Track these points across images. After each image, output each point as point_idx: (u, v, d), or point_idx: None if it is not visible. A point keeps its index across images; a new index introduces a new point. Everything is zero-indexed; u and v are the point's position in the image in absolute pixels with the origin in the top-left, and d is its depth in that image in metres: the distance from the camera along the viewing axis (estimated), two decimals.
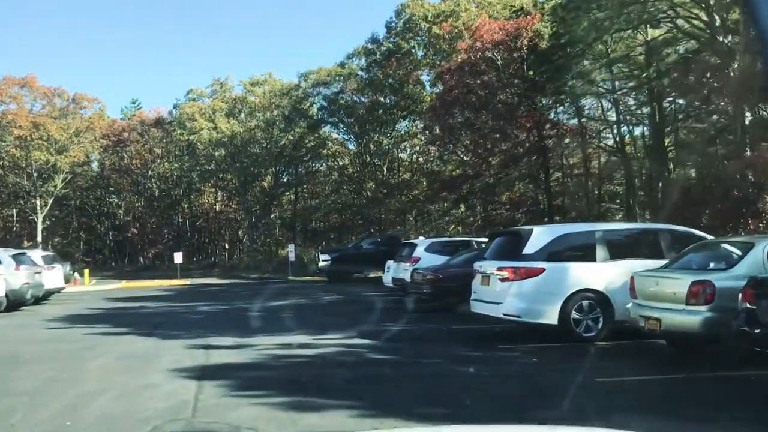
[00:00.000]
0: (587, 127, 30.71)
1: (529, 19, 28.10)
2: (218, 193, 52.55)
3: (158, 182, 51.82)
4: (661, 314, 8.37)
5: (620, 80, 27.53)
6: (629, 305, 9.21)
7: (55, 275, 21.88)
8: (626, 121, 30.07)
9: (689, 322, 7.97)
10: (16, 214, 49.66)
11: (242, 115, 44.22)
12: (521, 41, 28.00)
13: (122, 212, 53.63)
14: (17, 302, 18.08)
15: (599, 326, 10.13)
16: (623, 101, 29.19)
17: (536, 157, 30.03)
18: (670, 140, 28.15)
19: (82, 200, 52.23)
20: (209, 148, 42.59)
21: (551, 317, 10.08)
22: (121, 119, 53.50)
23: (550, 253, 10.38)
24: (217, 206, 53.59)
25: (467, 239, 21.41)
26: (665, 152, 27.04)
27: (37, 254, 22.04)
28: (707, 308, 7.79)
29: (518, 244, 10.68)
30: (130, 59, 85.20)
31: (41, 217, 44.78)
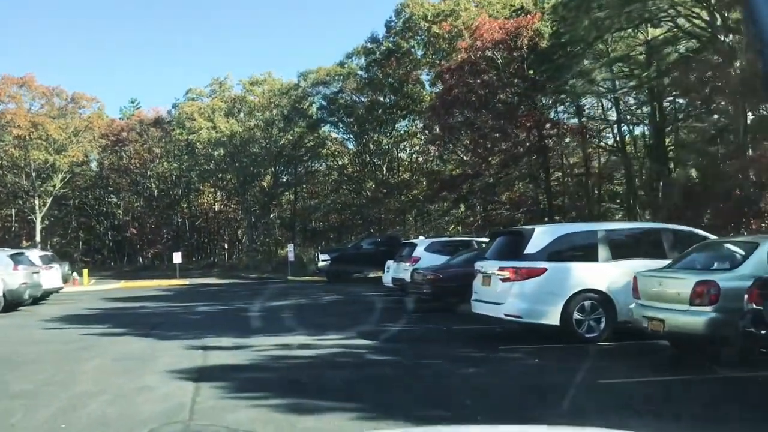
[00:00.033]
0: (587, 126, 30.62)
1: (529, 18, 28.00)
2: (217, 192, 52.48)
3: (157, 182, 51.73)
4: (664, 315, 8.26)
5: (620, 80, 27.42)
6: (632, 306, 9.10)
7: (53, 275, 21.77)
8: (626, 120, 29.98)
9: (693, 322, 7.86)
10: (14, 213, 49.54)
11: (241, 114, 44.14)
12: (521, 40, 27.91)
13: (121, 212, 53.56)
14: (15, 302, 18.05)
15: (601, 327, 10.04)
16: (623, 101, 29.09)
17: (536, 156, 29.94)
18: (670, 140, 28.05)
19: (80, 200, 52.15)
20: (208, 147, 42.53)
21: (553, 318, 9.98)
22: (120, 119, 53.53)
23: (551, 252, 10.28)
24: (216, 206, 53.53)
25: (467, 239, 21.31)
26: (665, 152, 26.94)
27: (35, 254, 21.93)
28: (712, 309, 7.69)
29: (520, 243, 10.57)
30: (129, 59, 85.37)
31: (40, 216, 44.68)
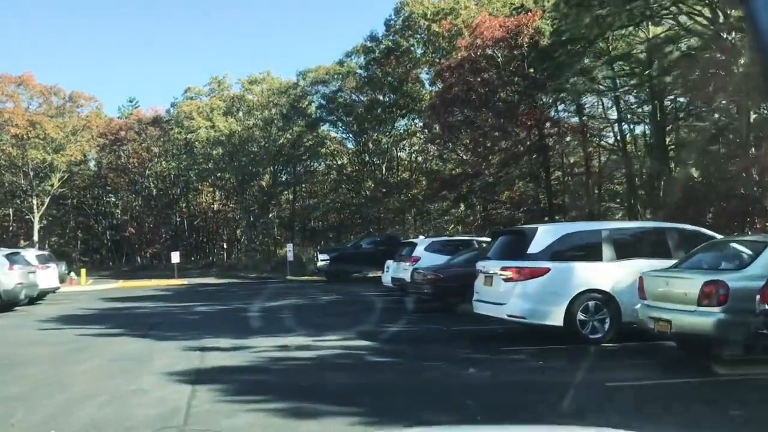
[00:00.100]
0: (588, 125, 30.45)
1: (529, 16, 27.81)
2: (216, 192, 52.30)
3: (156, 181, 51.53)
4: (671, 315, 8.08)
5: (621, 78, 27.26)
6: (638, 306, 8.92)
7: (49, 275, 21.59)
8: (627, 119, 29.80)
9: (701, 323, 7.68)
10: (12, 213, 49.33)
11: (240, 113, 43.93)
12: (522, 38, 27.74)
13: (119, 211, 53.35)
14: (11, 302, 17.94)
15: (606, 328, 9.87)
16: (624, 99, 28.91)
17: (537, 155, 29.78)
18: (670, 139, 27.89)
19: (79, 199, 51.90)
20: (207, 146, 42.31)
21: (556, 318, 9.80)
22: (118, 118, 53.22)
23: (555, 252, 10.11)
24: (215, 205, 53.35)
25: (468, 238, 21.14)
26: (666, 151, 26.78)
27: (31, 254, 21.74)
28: (720, 309, 7.50)
29: (522, 243, 10.39)
30: (127, 57, 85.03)
31: (38, 216, 44.46)
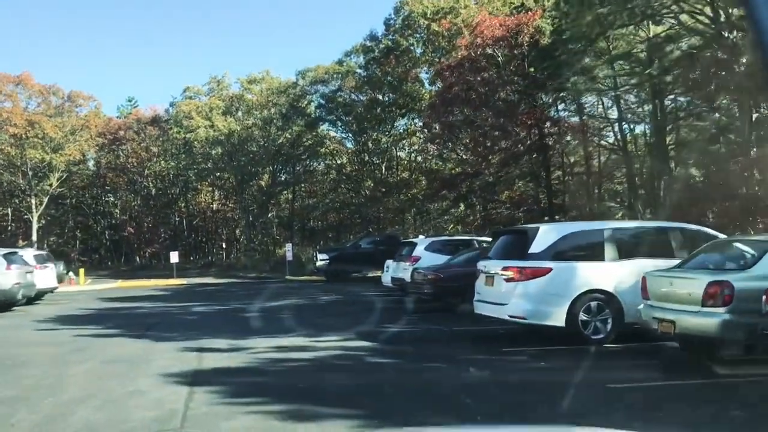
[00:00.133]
0: (588, 124, 30.34)
1: (530, 14, 27.67)
2: (215, 191, 52.21)
3: (155, 181, 51.43)
4: (675, 316, 7.97)
5: (622, 77, 27.12)
6: (641, 306, 8.81)
7: (47, 275, 21.48)
8: (627, 119, 29.69)
9: (706, 324, 7.57)
10: (11, 213, 49.19)
11: (239, 113, 43.82)
12: (522, 37, 27.62)
13: (118, 211, 53.24)
14: (8, 302, 17.81)
15: (608, 328, 9.77)
16: (624, 99, 28.79)
17: (537, 155, 29.68)
18: (671, 138, 27.77)
19: (78, 199, 51.79)
20: (206, 146, 42.23)
21: (558, 319, 9.70)
22: (117, 117, 53.13)
23: (556, 252, 10.01)
24: (214, 205, 53.25)
25: (468, 238, 21.04)
26: (667, 150, 26.66)
27: (29, 253, 21.61)
28: (725, 310, 7.39)
29: (524, 243, 10.28)
30: (126, 57, 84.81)
31: (36, 216, 44.35)
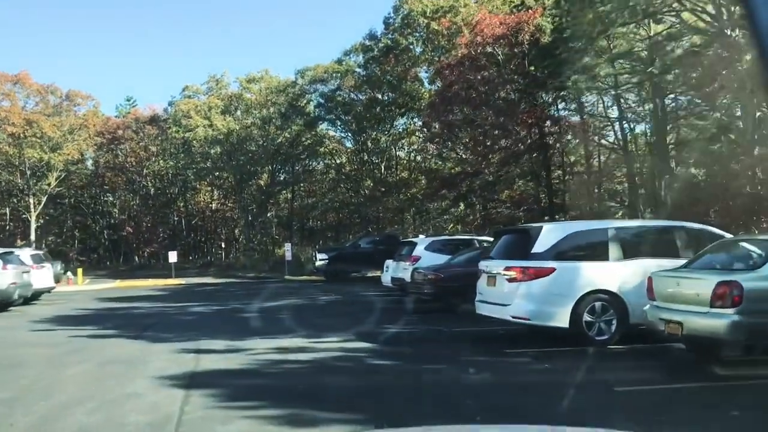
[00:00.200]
0: (589, 123, 30.17)
1: (530, 13, 27.54)
2: (214, 191, 52.06)
3: (153, 180, 51.28)
4: (682, 317, 7.79)
5: (623, 76, 26.96)
6: (647, 307, 8.63)
7: (44, 275, 21.34)
8: (628, 118, 29.53)
9: (715, 325, 7.38)
10: (9, 212, 49.02)
11: (238, 112, 43.70)
12: (522, 36, 27.48)
13: (117, 211, 53.07)
14: (4, 303, 17.70)
15: (612, 329, 9.58)
16: (625, 98, 28.63)
17: (537, 154, 29.55)
18: (671, 137, 27.62)
19: (76, 198, 51.63)
20: (205, 145, 42.08)
21: (562, 320, 9.51)
22: (115, 117, 52.98)
23: (560, 251, 9.82)
24: (213, 205, 53.09)
25: (469, 238, 20.89)
26: (667, 149, 26.51)
27: (26, 253, 21.48)
28: (734, 311, 7.21)
29: (526, 242, 10.10)
30: (125, 56, 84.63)
31: (35, 215, 44.18)
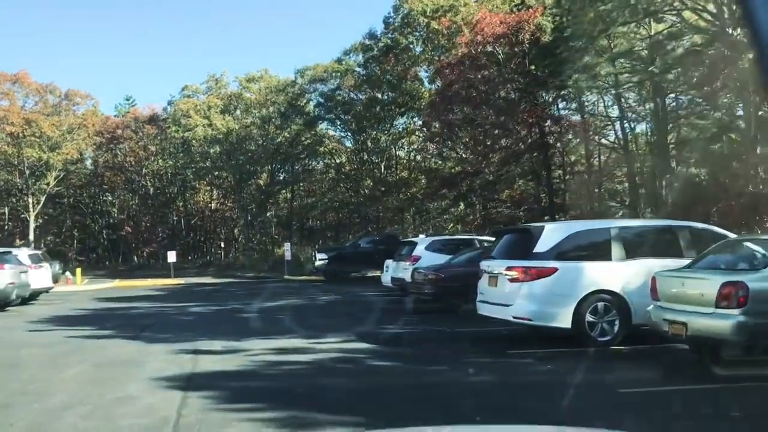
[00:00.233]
0: (589, 122, 30.08)
1: (531, 12, 27.44)
2: (213, 191, 51.95)
3: (153, 180, 51.15)
4: (687, 318, 7.67)
5: (623, 75, 26.84)
6: (650, 308, 8.51)
7: (42, 274, 21.24)
8: (629, 117, 29.42)
9: (720, 326, 7.26)
10: (8, 212, 48.91)
11: (238, 111, 43.59)
12: (523, 35, 27.38)
13: (116, 210, 52.94)
14: (2, 303, 17.68)
15: (615, 330, 9.48)
16: (626, 97, 28.53)
17: (537, 153, 29.45)
18: (672, 137, 27.51)
19: (75, 198, 51.50)
20: (204, 145, 41.96)
21: (564, 320, 9.41)
22: (114, 116, 52.81)
23: (562, 251, 9.71)
24: (212, 204, 52.97)
25: (469, 237, 20.80)
26: (668, 149, 26.40)
27: (23, 253, 21.38)
28: (740, 312, 7.10)
29: (528, 242, 9.99)
30: (124, 56, 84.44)
31: (33, 215, 44.07)
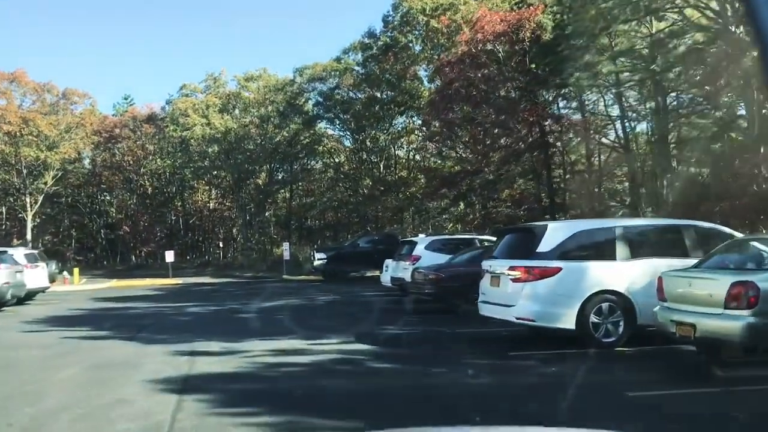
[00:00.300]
0: (590, 121, 29.90)
1: (531, 10, 27.25)
2: (212, 190, 51.70)
3: (151, 179, 50.91)
4: (695, 319, 7.49)
5: (624, 74, 26.67)
6: (656, 308, 8.34)
7: (38, 274, 21.03)
8: (629, 116, 29.26)
9: (729, 328, 7.09)
10: (5, 211, 48.68)
11: (236, 110, 43.37)
12: (523, 33, 27.19)
13: (114, 210, 52.68)
14: None
15: (620, 331, 9.31)
16: (627, 96, 28.36)
17: (538, 152, 29.28)
18: (673, 136, 27.35)
19: (73, 198, 51.21)
20: (202, 144, 41.75)
21: (568, 321, 9.23)
22: (112, 115, 52.54)
23: (566, 251, 9.53)
24: (210, 204, 52.73)
25: (470, 237, 20.62)
26: (669, 148, 26.25)
27: (19, 253, 21.19)
28: (750, 313, 6.92)
29: (531, 241, 9.82)
30: (122, 54, 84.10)
31: (31, 214, 43.84)
